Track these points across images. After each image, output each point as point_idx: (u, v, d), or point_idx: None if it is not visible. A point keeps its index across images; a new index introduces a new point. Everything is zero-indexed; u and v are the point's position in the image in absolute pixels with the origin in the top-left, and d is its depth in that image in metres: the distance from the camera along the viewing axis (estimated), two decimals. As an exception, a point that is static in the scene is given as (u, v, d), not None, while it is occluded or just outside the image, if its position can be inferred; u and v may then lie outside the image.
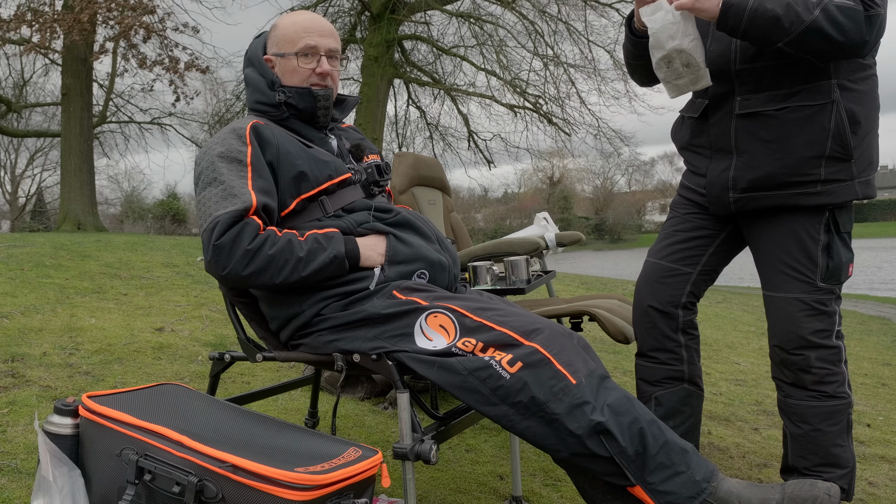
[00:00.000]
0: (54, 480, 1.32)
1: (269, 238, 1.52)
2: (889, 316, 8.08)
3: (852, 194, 1.75)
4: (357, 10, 14.80)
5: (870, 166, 1.77)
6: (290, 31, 1.72)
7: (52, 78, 34.07)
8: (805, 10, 1.56)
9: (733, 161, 1.84)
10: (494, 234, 38.52)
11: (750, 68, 1.77)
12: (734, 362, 4.52)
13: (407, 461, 1.40)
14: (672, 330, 1.95)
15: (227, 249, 1.49)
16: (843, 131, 1.71)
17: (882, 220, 50.06)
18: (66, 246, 6.31)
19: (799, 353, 1.81)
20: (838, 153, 1.73)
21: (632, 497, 1.40)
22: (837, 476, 1.80)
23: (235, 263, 1.50)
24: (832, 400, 1.80)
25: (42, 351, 3.01)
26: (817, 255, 1.78)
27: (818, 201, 1.76)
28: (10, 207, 31.84)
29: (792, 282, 1.81)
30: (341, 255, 1.56)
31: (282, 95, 1.68)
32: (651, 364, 1.98)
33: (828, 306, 1.80)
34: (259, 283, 1.53)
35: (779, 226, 1.83)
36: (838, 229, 1.78)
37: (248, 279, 1.52)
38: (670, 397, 1.96)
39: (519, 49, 14.74)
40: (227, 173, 1.56)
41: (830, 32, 1.57)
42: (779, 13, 1.57)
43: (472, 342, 1.42)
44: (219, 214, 1.50)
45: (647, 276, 2.00)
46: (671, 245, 2.00)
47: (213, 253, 1.50)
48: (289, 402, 2.79)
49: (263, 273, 1.51)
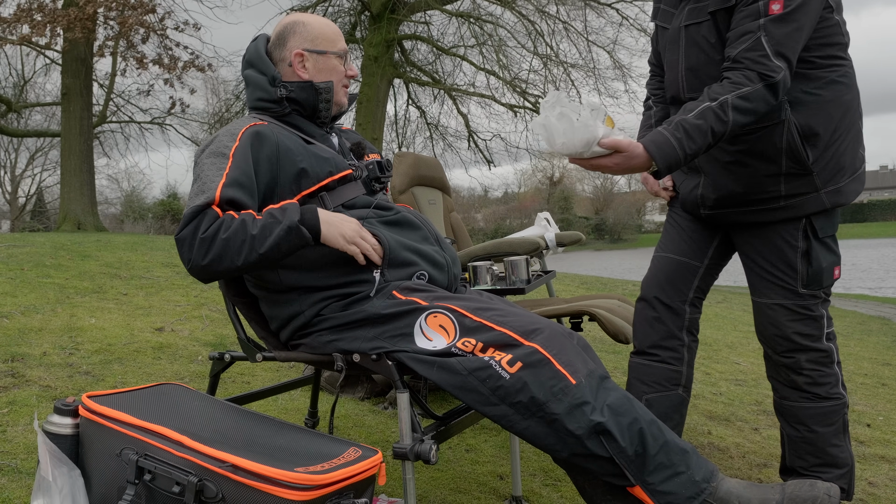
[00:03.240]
0: (54, 480, 1.32)
1: (223, 222, 1.48)
2: (889, 316, 8.08)
3: (818, 206, 1.75)
4: (357, 9, 14.79)
5: (839, 173, 1.74)
6: (328, 32, 1.74)
7: (52, 78, 34.11)
8: (719, 122, 1.58)
9: (701, 180, 1.88)
10: (494, 234, 38.51)
11: (698, 97, 1.76)
12: (734, 362, 4.52)
13: (407, 461, 1.40)
14: (677, 328, 1.94)
15: (188, 242, 1.48)
16: (796, 149, 1.71)
17: (882, 220, 50.04)
18: (66, 246, 6.31)
19: (788, 356, 1.81)
20: (795, 170, 1.73)
21: (631, 497, 1.40)
22: (836, 476, 1.80)
23: (195, 254, 1.48)
24: (826, 401, 1.80)
25: (42, 351, 3.01)
26: (796, 263, 1.78)
27: (783, 216, 1.77)
28: (10, 207, 31.83)
29: (775, 288, 1.82)
30: (295, 224, 1.50)
31: (283, 91, 1.68)
32: (649, 362, 1.95)
33: (813, 311, 1.80)
34: (223, 269, 1.49)
35: (757, 234, 1.84)
36: (816, 235, 1.77)
37: (210, 267, 1.49)
38: (663, 402, 1.93)
39: (519, 49, 14.75)
40: (207, 169, 1.56)
41: (748, 119, 1.60)
42: (707, 141, 1.58)
43: (471, 342, 1.42)
44: (188, 208, 1.51)
45: (655, 271, 1.99)
46: (678, 238, 1.99)
47: (178, 247, 1.50)
48: (289, 402, 2.79)
49: (223, 259, 1.47)
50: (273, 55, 1.74)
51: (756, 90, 1.57)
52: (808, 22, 1.61)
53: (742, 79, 1.58)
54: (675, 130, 1.57)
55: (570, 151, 1.57)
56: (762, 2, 1.60)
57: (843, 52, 1.73)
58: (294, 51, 1.71)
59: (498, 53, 14.27)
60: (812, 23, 1.63)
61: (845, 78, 1.73)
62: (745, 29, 1.61)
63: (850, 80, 1.74)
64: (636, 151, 1.56)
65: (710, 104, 1.57)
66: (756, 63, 1.58)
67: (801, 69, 1.69)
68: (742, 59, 1.60)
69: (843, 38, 1.72)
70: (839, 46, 1.71)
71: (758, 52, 1.58)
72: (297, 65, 1.71)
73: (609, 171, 1.60)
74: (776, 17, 1.58)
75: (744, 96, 1.57)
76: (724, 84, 1.60)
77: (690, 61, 1.80)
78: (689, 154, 1.57)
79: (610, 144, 1.55)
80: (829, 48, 1.70)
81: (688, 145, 1.56)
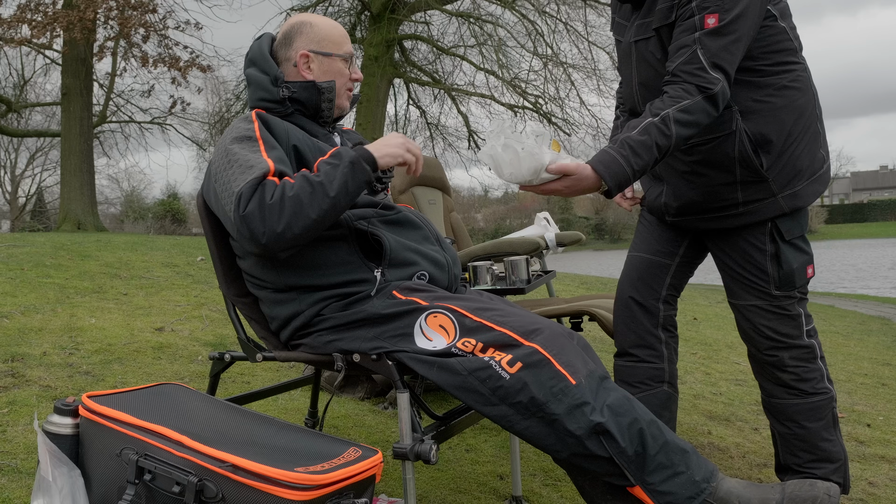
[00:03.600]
0: (54, 480, 1.32)
1: (284, 186, 1.46)
2: (889, 316, 8.09)
3: (777, 210, 1.76)
4: (357, 9, 14.80)
5: (796, 177, 1.75)
6: (335, 35, 1.74)
7: (52, 78, 34.11)
8: (663, 137, 1.58)
9: (664, 188, 1.91)
10: (494, 234, 38.51)
11: None
12: (734, 362, 4.52)
13: (407, 461, 1.40)
14: (653, 325, 1.97)
15: (257, 215, 1.44)
16: (749, 157, 1.72)
17: (882, 220, 50.05)
18: (66, 246, 6.31)
19: (771, 354, 1.83)
20: (749, 177, 1.75)
21: (631, 497, 1.40)
22: (830, 471, 1.81)
23: (268, 223, 1.43)
24: (813, 396, 1.82)
25: (42, 351, 3.01)
26: (766, 266, 1.80)
27: (745, 221, 1.79)
28: (10, 207, 31.84)
29: (749, 290, 1.83)
30: (356, 158, 1.50)
31: (286, 91, 1.68)
32: (631, 363, 1.98)
33: (790, 310, 1.81)
34: (299, 229, 1.45)
35: (725, 239, 1.86)
36: (783, 237, 1.78)
37: (287, 232, 1.44)
38: (650, 400, 1.95)
39: (519, 49, 14.76)
40: (240, 151, 1.54)
41: (691, 131, 1.60)
42: (654, 156, 1.59)
43: (471, 342, 1.42)
44: (240, 187, 1.46)
45: (628, 270, 2.03)
46: (649, 236, 2.02)
47: (244, 224, 1.44)
48: (289, 402, 2.79)
49: (297, 217, 1.44)
50: (278, 54, 1.74)
51: (696, 102, 1.59)
52: (746, 32, 1.63)
53: (681, 92, 1.60)
54: (621, 148, 1.58)
55: (518, 180, 1.59)
56: (698, 17, 1.62)
57: (793, 56, 1.74)
58: (300, 51, 1.71)
59: (498, 53, 14.28)
60: (751, 33, 1.64)
61: (797, 82, 1.74)
62: (682, 43, 1.63)
63: (803, 83, 1.75)
64: (585, 173, 1.57)
65: (652, 119, 1.59)
66: (693, 76, 1.60)
67: (749, 78, 1.71)
68: (679, 72, 1.62)
69: (791, 44, 1.73)
70: (787, 52, 1.72)
71: (694, 66, 1.60)
72: (301, 65, 1.71)
73: (560, 195, 1.61)
74: (711, 30, 1.60)
75: (684, 109, 1.58)
76: (664, 99, 1.61)
77: (642, 76, 1.83)
78: (636, 170, 1.58)
79: (558, 169, 1.56)
80: (777, 55, 1.71)
81: (635, 162, 1.57)
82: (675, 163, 1.84)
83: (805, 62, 1.77)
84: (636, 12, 1.82)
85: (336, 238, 1.60)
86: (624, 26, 1.89)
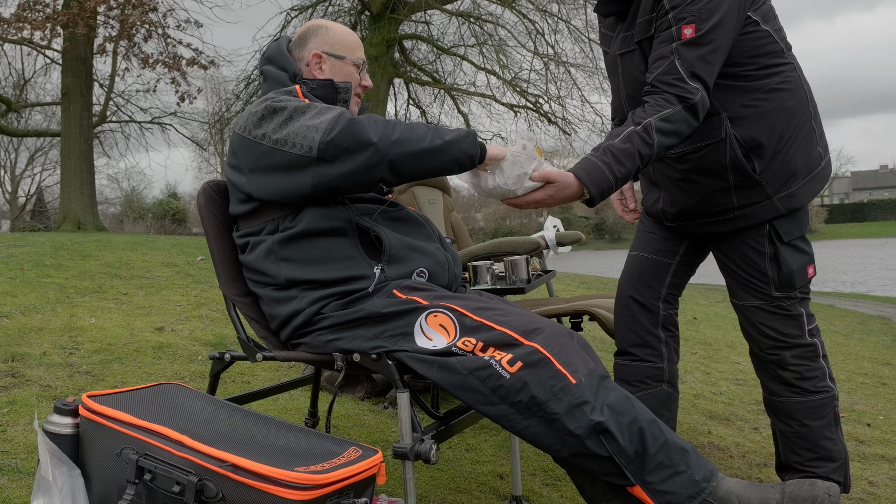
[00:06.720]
0: (54, 480, 1.32)
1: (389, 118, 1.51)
2: (889, 316, 8.09)
3: (773, 212, 1.76)
4: (357, 9, 14.80)
5: (791, 178, 1.75)
6: (349, 40, 1.77)
7: (52, 77, 34.09)
8: (645, 145, 1.58)
9: (661, 194, 1.93)
10: (494, 234, 38.52)
11: None
12: (734, 362, 4.52)
13: (407, 461, 1.40)
14: (652, 325, 1.97)
15: (365, 122, 1.48)
16: (740, 163, 1.73)
17: (882, 220, 50.06)
18: (66, 245, 6.31)
19: (772, 353, 1.84)
20: (743, 182, 1.75)
21: (632, 497, 1.40)
22: (831, 469, 1.81)
23: (382, 131, 1.48)
24: (814, 395, 1.82)
25: (42, 350, 3.01)
26: (766, 268, 1.80)
27: (742, 224, 1.79)
28: (10, 207, 31.85)
29: (750, 291, 1.84)
30: (473, 132, 1.55)
31: (304, 88, 1.70)
32: (630, 362, 1.99)
33: (791, 310, 1.81)
34: (409, 150, 1.48)
35: (725, 242, 1.87)
36: (782, 239, 1.78)
37: (399, 146, 1.47)
38: (649, 399, 1.95)
39: (519, 48, 14.75)
40: (302, 105, 1.56)
41: (673, 141, 1.61)
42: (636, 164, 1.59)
43: (472, 342, 1.42)
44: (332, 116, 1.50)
45: (629, 269, 2.03)
46: (650, 236, 2.02)
47: (351, 127, 1.47)
48: (289, 401, 2.79)
49: (409, 139, 1.48)
50: (292, 54, 1.77)
51: (677, 112, 1.59)
52: (724, 41, 1.63)
53: (662, 102, 1.60)
54: (604, 156, 1.58)
55: (504, 190, 1.59)
56: (675, 28, 1.62)
57: (779, 58, 1.73)
58: (313, 51, 1.74)
59: (498, 53, 14.28)
60: (729, 41, 1.65)
61: (786, 83, 1.74)
62: (660, 54, 1.64)
63: (793, 83, 1.75)
64: (567, 181, 1.57)
65: (634, 128, 1.59)
66: (672, 86, 1.60)
67: (736, 83, 1.71)
68: (658, 83, 1.62)
69: (776, 46, 1.72)
70: (773, 54, 1.72)
71: (672, 76, 1.61)
72: (314, 65, 1.74)
73: (544, 205, 1.61)
74: (688, 40, 1.60)
75: (665, 118, 1.59)
76: (645, 108, 1.62)
77: (629, 89, 1.84)
78: (619, 178, 1.58)
79: (541, 176, 1.57)
80: (763, 58, 1.71)
81: (617, 170, 1.57)
82: (668, 171, 1.85)
83: (794, 61, 1.77)
84: (620, 24, 1.83)
85: (338, 233, 1.61)
86: (610, 37, 1.90)
